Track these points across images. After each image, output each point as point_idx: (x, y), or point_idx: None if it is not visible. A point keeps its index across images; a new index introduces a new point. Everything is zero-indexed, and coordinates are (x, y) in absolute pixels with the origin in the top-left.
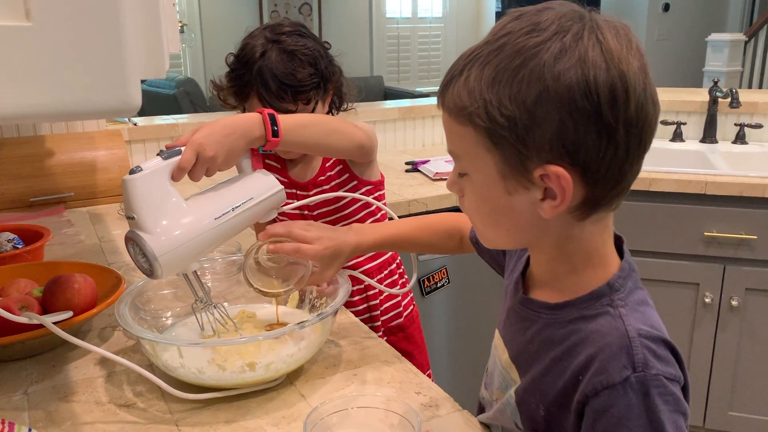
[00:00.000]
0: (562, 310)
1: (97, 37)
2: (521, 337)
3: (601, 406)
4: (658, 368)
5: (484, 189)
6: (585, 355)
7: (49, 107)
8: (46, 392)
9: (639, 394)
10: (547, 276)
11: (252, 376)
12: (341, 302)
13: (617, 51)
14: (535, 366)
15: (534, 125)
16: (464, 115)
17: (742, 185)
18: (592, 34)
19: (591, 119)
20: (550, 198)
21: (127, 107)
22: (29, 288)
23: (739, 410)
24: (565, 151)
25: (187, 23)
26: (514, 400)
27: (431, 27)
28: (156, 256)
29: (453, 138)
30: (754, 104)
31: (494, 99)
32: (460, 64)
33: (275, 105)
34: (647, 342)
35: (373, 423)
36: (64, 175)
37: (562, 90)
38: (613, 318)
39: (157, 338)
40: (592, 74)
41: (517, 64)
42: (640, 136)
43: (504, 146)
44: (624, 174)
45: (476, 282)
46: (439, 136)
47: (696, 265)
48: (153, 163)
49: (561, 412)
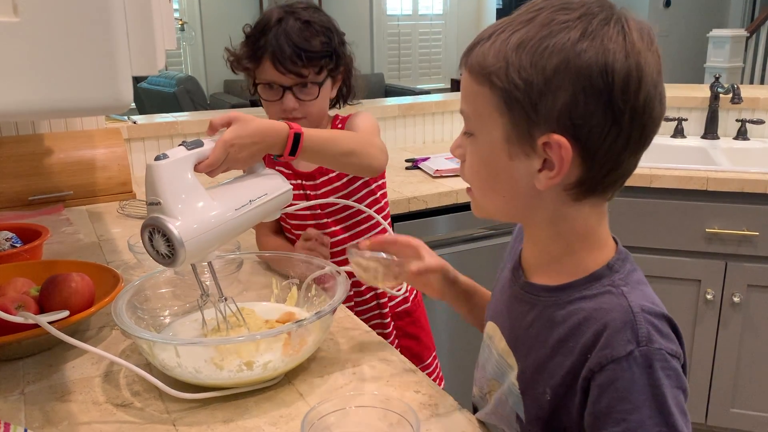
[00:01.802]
0: (562, 292)
1: (86, 33)
2: (520, 322)
3: (605, 380)
4: (661, 343)
5: (488, 151)
6: (591, 332)
7: (38, 104)
8: (43, 392)
9: (643, 368)
10: (543, 258)
11: (249, 375)
12: (340, 300)
13: (638, 44)
14: (536, 349)
15: (548, 93)
16: (484, 74)
17: (743, 181)
18: (618, 23)
19: (601, 98)
20: (548, 169)
21: (118, 104)
22: (26, 287)
23: (741, 407)
24: (571, 124)
25: (187, 21)
26: (518, 388)
27: (432, 24)
28: (183, 241)
29: (468, 97)
30: (756, 100)
31: (516, 61)
32: (489, 30)
33: (287, 68)
34: (651, 317)
35: (371, 422)
36: (63, 174)
37: (581, 65)
38: (615, 296)
39: (153, 337)
40: (611, 58)
41: (543, 35)
42: (643, 128)
43: (515, 109)
44: (621, 161)
45: (476, 279)
46: (440, 133)
47: (697, 262)
48: (178, 151)
49: (568, 394)
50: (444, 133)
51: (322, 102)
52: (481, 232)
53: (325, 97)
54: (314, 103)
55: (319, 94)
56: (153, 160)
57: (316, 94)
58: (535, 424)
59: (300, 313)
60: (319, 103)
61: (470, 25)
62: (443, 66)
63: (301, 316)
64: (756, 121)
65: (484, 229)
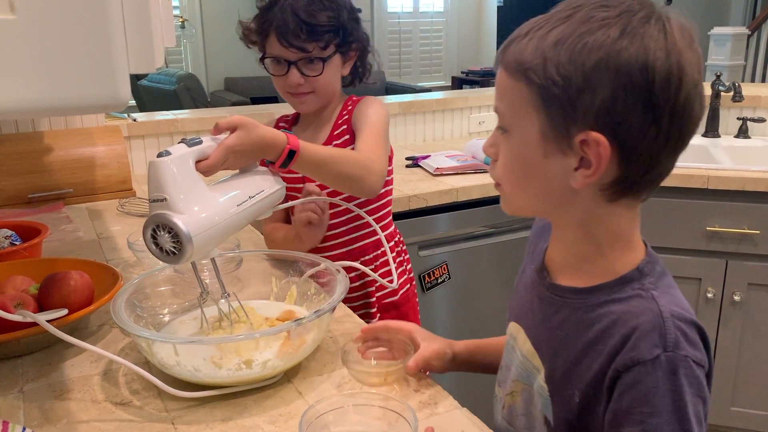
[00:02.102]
0: (590, 295)
1: (83, 31)
2: (547, 323)
3: (629, 381)
4: (688, 351)
5: (523, 147)
6: (620, 335)
7: (35, 102)
8: (42, 390)
9: (667, 373)
10: (571, 259)
11: (248, 373)
12: (339, 299)
13: (680, 43)
14: (564, 352)
15: (587, 90)
16: (521, 71)
17: (744, 180)
18: (659, 22)
19: (641, 96)
20: (584, 167)
21: (115, 102)
22: (25, 285)
23: (741, 405)
24: (610, 122)
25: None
26: (547, 390)
27: (433, 22)
28: (191, 236)
29: (504, 93)
30: (757, 98)
31: (554, 58)
32: (526, 27)
33: (291, 42)
34: (680, 323)
35: (370, 421)
36: (62, 172)
37: (621, 62)
38: (645, 300)
39: (152, 336)
40: (652, 56)
41: (583, 31)
42: (681, 129)
43: (552, 106)
44: (658, 161)
45: (477, 277)
46: (440, 131)
47: (698, 260)
48: (180, 148)
49: (595, 396)
50: (444, 131)
51: (329, 78)
52: (481, 230)
53: (332, 74)
54: (320, 79)
55: (323, 70)
56: (155, 157)
57: (320, 70)
58: (564, 428)
59: (299, 311)
60: (325, 80)
61: (471, 22)
62: (444, 64)
63: (301, 315)
64: (757, 119)
65: (485, 228)
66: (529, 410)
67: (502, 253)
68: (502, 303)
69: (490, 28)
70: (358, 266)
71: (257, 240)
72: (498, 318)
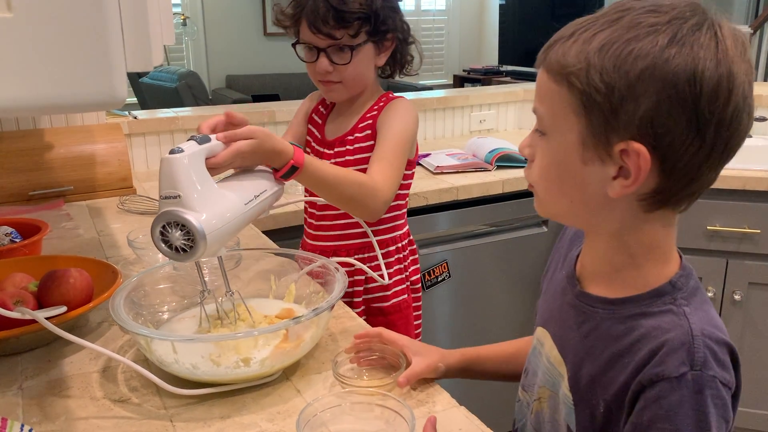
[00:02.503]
0: (621, 306)
1: (80, 28)
2: (574, 332)
3: (653, 396)
4: (716, 371)
5: (560, 152)
6: (647, 350)
7: (32, 100)
8: (41, 387)
9: (693, 392)
10: (603, 268)
11: (247, 371)
12: (337, 297)
13: (732, 52)
14: (590, 361)
15: (630, 98)
16: (563, 74)
17: (745, 179)
18: (711, 29)
19: (687, 107)
20: (623, 177)
21: (112, 100)
22: (25, 282)
23: (741, 405)
24: (652, 133)
25: (189, 16)
26: (571, 400)
27: (434, 20)
28: (205, 234)
29: (545, 96)
30: (759, 97)
31: (598, 63)
32: (570, 28)
33: (319, 29)
34: (710, 343)
35: (367, 419)
36: (63, 169)
37: (668, 72)
38: (677, 316)
39: (150, 333)
40: (701, 66)
41: (630, 38)
42: (728, 141)
43: (594, 112)
44: (701, 174)
45: (477, 276)
46: (441, 129)
47: (699, 259)
48: (191, 146)
49: (619, 409)
50: (446, 130)
51: (359, 68)
52: (481, 228)
53: (363, 63)
54: (348, 68)
55: (352, 59)
56: (167, 153)
57: (349, 59)
58: None
59: (298, 309)
60: (355, 69)
61: (473, 21)
62: (446, 62)
63: (299, 313)
64: (759, 118)
65: (485, 226)
66: (554, 417)
67: (502, 252)
68: (503, 301)
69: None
70: (351, 261)
71: (257, 237)
72: (498, 315)
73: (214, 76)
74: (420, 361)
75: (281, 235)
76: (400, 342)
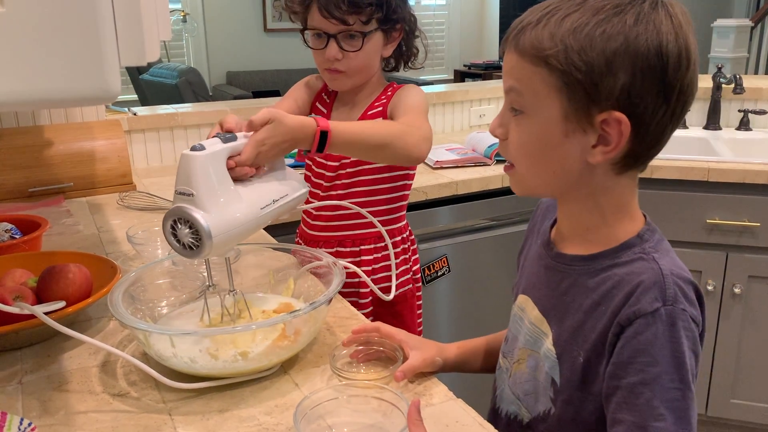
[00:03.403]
0: (594, 261)
1: (72, 23)
2: (554, 290)
3: (631, 334)
4: (686, 306)
5: (542, 127)
6: (623, 293)
7: (25, 95)
8: (41, 382)
9: (666, 325)
10: (577, 230)
11: (244, 365)
12: (335, 291)
13: (685, 26)
14: (570, 315)
15: (609, 74)
16: (541, 57)
17: (745, 172)
18: (664, 7)
19: (656, 77)
20: (603, 144)
21: (105, 95)
22: (24, 278)
23: (741, 398)
24: (629, 102)
25: (189, 12)
26: (554, 353)
27: (435, 15)
28: (212, 235)
29: (522, 78)
30: (759, 90)
31: (575, 45)
32: (536, 14)
33: (332, 13)
34: (679, 282)
35: (364, 411)
36: (63, 165)
37: (640, 47)
38: (647, 261)
39: (148, 328)
40: (664, 39)
41: (600, 19)
42: (685, 103)
43: (575, 89)
44: (664, 135)
45: (477, 270)
46: (441, 124)
47: (698, 253)
48: (214, 143)
49: (599, 356)
50: (446, 124)
51: (367, 56)
52: (481, 223)
53: (371, 52)
54: (358, 55)
55: (362, 46)
56: (189, 149)
57: (360, 45)
58: (569, 387)
59: (296, 303)
60: (363, 57)
61: (473, 16)
62: (446, 57)
63: (298, 307)
64: (758, 111)
65: (485, 220)
66: (534, 375)
67: (501, 246)
68: (502, 295)
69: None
70: (356, 270)
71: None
72: (498, 310)
73: (215, 72)
74: (417, 355)
75: (279, 231)
76: (398, 336)
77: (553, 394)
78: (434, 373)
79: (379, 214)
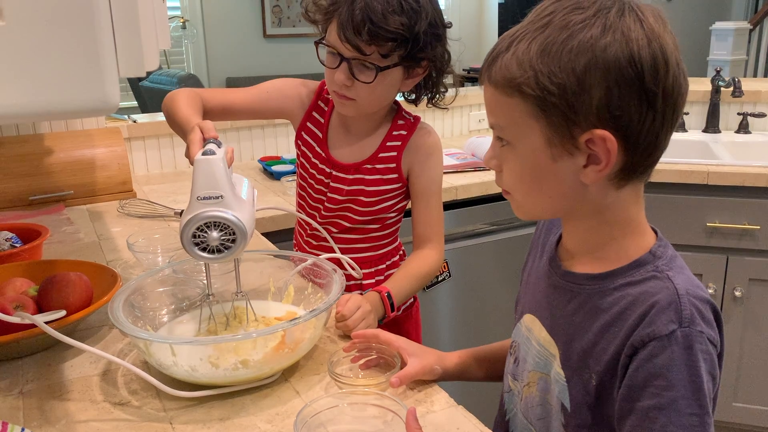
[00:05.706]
0: (606, 280)
1: (71, 36)
2: (562, 311)
3: (645, 356)
4: (703, 327)
5: (530, 156)
6: (637, 314)
7: (24, 107)
8: (42, 391)
9: (683, 348)
10: (584, 247)
11: (245, 373)
12: (335, 298)
13: (657, 28)
14: (580, 337)
15: (583, 92)
16: (513, 86)
17: (744, 175)
18: (632, 12)
19: (634, 86)
20: (593, 164)
21: (105, 106)
22: (25, 287)
23: (743, 401)
24: (610, 117)
25: (188, 19)
26: (563, 377)
27: None
28: (247, 233)
29: (498, 110)
30: (758, 93)
31: (544, 69)
32: (505, 41)
33: (347, 37)
34: (695, 301)
35: (365, 419)
36: (63, 174)
37: (609, 59)
38: (661, 280)
39: (149, 336)
40: (636, 47)
41: (564, 37)
42: (675, 106)
43: (552, 113)
44: (659, 142)
45: (477, 275)
46: (440, 129)
47: (698, 256)
48: (216, 148)
49: (612, 378)
50: (444, 130)
51: (380, 91)
52: (481, 228)
53: (386, 87)
54: (368, 87)
55: (375, 79)
56: (201, 155)
57: (372, 78)
58: (581, 413)
59: (297, 311)
60: (374, 91)
61: (472, 21)
62: None
63: (298, 314)
64: (758, 114)
65: (484, 225)
66: (545, 399)
67: (502, 251)
68: (503, 300)
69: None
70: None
71: (255, 239)
72: (498, 315)
73: (214, 78)
74: (415, 362)
75: (278, 237)
76: (397, 343)
77: (564, 419)
78: (436, 381)
79: (377, 240)
